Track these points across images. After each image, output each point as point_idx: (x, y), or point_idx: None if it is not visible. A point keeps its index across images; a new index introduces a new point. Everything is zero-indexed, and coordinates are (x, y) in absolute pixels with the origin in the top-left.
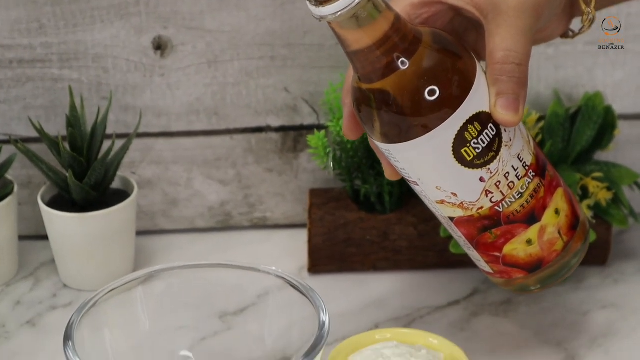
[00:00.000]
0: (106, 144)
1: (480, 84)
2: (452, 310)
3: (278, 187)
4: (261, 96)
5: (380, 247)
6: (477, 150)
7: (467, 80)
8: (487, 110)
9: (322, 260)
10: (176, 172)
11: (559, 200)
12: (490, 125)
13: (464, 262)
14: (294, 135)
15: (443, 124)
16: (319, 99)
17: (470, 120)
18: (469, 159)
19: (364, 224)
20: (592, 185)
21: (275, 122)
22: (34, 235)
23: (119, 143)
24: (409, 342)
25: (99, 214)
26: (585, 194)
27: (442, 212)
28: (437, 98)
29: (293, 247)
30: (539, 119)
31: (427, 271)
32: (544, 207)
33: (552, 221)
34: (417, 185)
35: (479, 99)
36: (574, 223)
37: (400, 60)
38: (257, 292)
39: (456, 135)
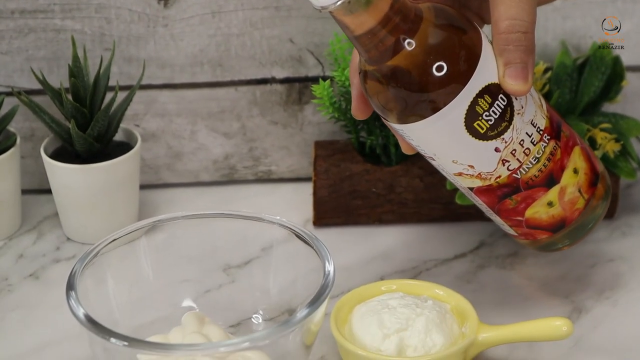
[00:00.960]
0: (109, 96)
1: (487, 55)
2: (459, 263)
3: (283, 139)
4: (266, 47)
5: (385, 200)
6: (489, 122)
7: (474, 54)
8: (496, 81)
9: (327, 212)
10: (180, 125)
11: (576, 159)
12: (501, 95)
13: (471, 214)
14: (299, 87)
15: (453, 101)
16: (324, 49)
17: (480, 94)
18: (482, 131)
19: (369, 176)
20: (600, 137)
21: (280, 74)
22: (37, 189)
23: (122, 95)
24: (414, 294)
25: (102, 165)
26: (592, 145)
27: (461, 183)
28: (445, 76)
29: (298, 201)
30: (546, 70)
31: (433, 224)
32: (562, 169)
33: (571, 181)
34: (434, 160)
35: (487, 71)
36: (594, 179)
37: (405, 40)
38: (261, 243)
39: (467, 110)
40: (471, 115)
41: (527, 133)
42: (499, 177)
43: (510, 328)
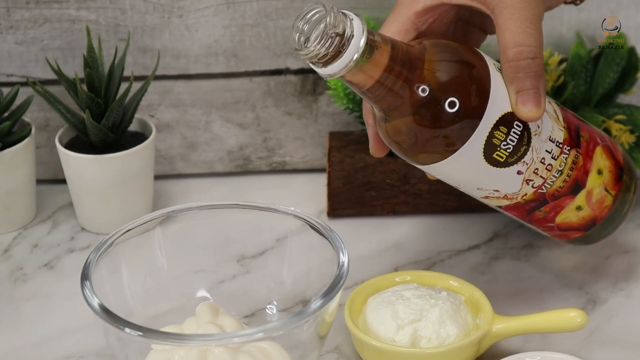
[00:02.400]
0: (124, 86)
1: (497, 86)
2: (473, 254)
3: (297, 130)
4: (280, 38)
5: (400, 191)
6: (508, 150)
7: (484, 89)
8: (509, 109)
9: (341, 203)
10: (195, 115)
11: (599, 160)
12: (516, 122)
13: (485, 206)
14: (313, 78)
15: (470, 138)
16: None
17: (496, 126)
18: (502, 160)
19: (383, 167)
20: (615, 128)
21: (294, 65)
22: (52, 179)
23: (137, 85)
24: (429, 284)
25: (117, 155)
26: None
27: (490, 204)
28: (457, 116)
29: (312, 192)
30: (561, 61)
31: (448, 215)
32: (586, 174)
33: (596, 182)
34: (459, 187)
35: (499, 103)
36: (619, 175)
37: (411, 86)
38: (276, 234)
39: (485, 143)
40: (489, 148)
41: (546, 150)
42: (525, 194)
43: (524, 319)
